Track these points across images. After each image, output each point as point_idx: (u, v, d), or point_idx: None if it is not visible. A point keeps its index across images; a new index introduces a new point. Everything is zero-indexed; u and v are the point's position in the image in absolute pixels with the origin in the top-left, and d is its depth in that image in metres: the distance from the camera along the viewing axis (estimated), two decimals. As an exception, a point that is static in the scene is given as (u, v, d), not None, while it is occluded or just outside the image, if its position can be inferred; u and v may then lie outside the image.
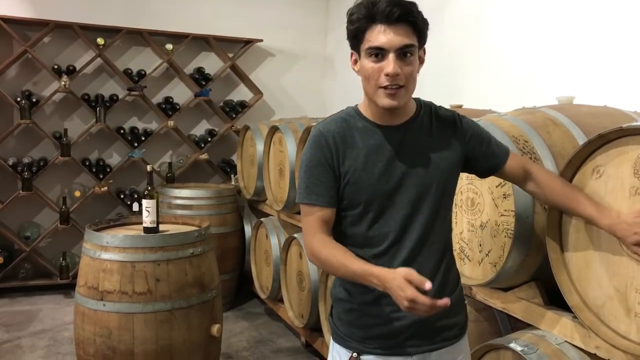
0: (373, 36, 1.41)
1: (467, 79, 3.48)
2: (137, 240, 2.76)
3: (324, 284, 3.35)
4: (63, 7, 5.09)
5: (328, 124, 1.56)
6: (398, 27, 1.39)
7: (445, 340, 1.57)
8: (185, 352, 2.78)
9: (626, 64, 2.73)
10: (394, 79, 1.41)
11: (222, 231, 4.62)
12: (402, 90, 1.43)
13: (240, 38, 5.62)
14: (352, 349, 1.56)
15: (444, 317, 1.54)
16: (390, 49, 1.40)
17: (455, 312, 1.60)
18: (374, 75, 1.43)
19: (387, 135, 1.51)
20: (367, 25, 1.42)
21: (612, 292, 1.66)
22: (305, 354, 3.87)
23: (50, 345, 3.88)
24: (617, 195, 1.65)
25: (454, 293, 1.60)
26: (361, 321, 1.56)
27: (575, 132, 2.07)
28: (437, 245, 1.56)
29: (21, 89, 5.07)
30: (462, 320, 1.64)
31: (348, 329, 1.58)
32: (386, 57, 1.40)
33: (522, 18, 3.38)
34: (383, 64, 1.41)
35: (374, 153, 1.50)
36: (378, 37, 1.40)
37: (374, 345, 1.54)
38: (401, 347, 1.53)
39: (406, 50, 1.41)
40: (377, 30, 1.40)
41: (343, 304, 1.60)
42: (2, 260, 4.88)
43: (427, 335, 1.54)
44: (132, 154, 5.21)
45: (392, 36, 1.39)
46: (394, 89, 1.42)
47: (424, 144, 1.54)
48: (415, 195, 1.51)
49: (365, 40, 1.43)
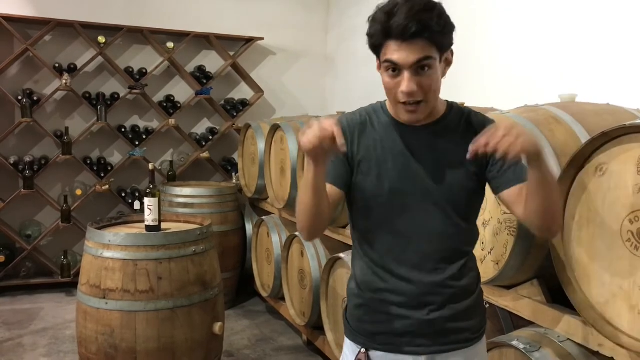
0: (388, 52, 1.37)
1: (469, 77, 3.47)
2: (139, 238, 2.76)
3: (326, 282, 3.35)
4: (64, 5, 5.09)
5: (352, 113, 1.58)
6: (414, 42, 1.34)
7: (456, 343, 1.53)
8: (187, 350, 2.79)
9: (629, 62, 2.72)
10: (411, 96, 1.38)
11: (224, 229, 4.62)
12: (422, 105, 1.41)
13: (241, 36, 5.62)
14: (361, 344, 1.56)
15: (457, 320, 1.52)
16: (404, 66, 1.36)
17: (469, 316, 1.55)
18: (391, 91, 1.42)
19: (408, 134, 1.49)
20: (383, 41, 1.38)
21: (615, 289, 1.66)
22: (307, 352, 3.87)
23: (52, 344, 3.88)
24: (621, 193, 1.64)
25: (470, 297, 1.56)
26: (370, 317, 1.56)
27: (578, 130, 2.07)
28: (450, 246, 1.51)
29: (22, 87, 5.07)
30: (477, 325, 1.58)
31: (358, 324, 1.59)
32: (402, 73, 1.37)
33: (524, 15, 3.38)
34: (399, 79, 1.38)
35: (391, 148, 1.49)
36: (394, 52, 1.36)
37: (382, 342, 1.54)
38: (409, 346, 1.51)
39: (423, 64, 1.36)
40: (392, 46, 1.36)
41: (354, 299, 1.61)
42: (4, 259, 4.89)
43: (435, 336, 1.51)
44: (134, 153, 5.21)
45: (407, 53, 1.34)
46: (413, 105, 1.40)
47: (446, 147, 1.49)
48: (430, 194, 1.48)
49: (381, 54, 1.40)
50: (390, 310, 1.52)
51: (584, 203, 1.77)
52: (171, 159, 5.55)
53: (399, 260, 1.51)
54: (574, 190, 1.80)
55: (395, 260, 1.51)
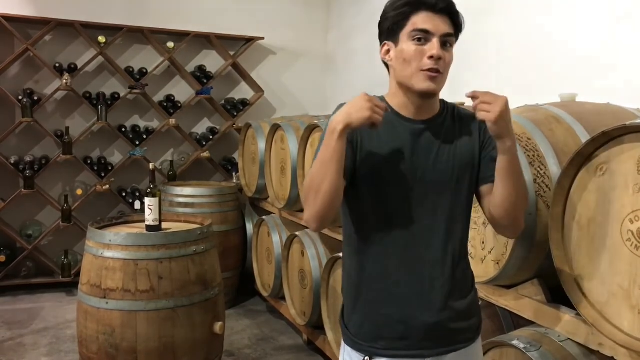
0: (419, 20, 1.44)
1: (469, 77, 3.47)
2: (140, 238, 2.76)
3: (326, 282, 3.35)
4: (64, 5, 5.09)
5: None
6: (442, 17, 1.45)
7: (460, 343, 1.54)
8: (188, 349, 2.79)
9: (629, 61, 2.72)
10: (437, 62, 1.43)
11: (224, 229, 4.63)
12: (441, 77, 1.46)
13: (241, 36, 5.62)
14: (364, 351, 1.52)
15: (458, 320, 1.52)
16: (436, 34, 1.43)
17: (469, 315, 1.57)
18: (416, 57, 1.44)
19: (408, 129, 1.50)
20: (413, 11, 1.45)
21: (615, 288, 1.66)
22: (307, 351, 3.87)
23: (53, 343, 3.89)
24: (621, 193, 1.65)
25: (468, 296, 1.57)
26: (372, 321, 1.52)
27: (578, 130, 2.07)
28: (449, 244, 1.51)
29: (23, 87, 5.07)
30: (477, 323, 1.61)
31: (358, 329, 1.54)
32: (430, 40, 1.43)
33: (525, 15, 3.38)
34: (426, 47, 1.44)
35: (392, 143, 1.49)
36: (425, 21, 1.44)
37: (385, 346, 1.50)
38: (414, 349, 1.50)
39: (448, 39, 1.45)
40: (424, 15, 1.44)
41: (353, 303, 1.56)
42: (4, 259, 4.89)
43: (441, 338, 1.50)
44: (134, 152, 5.22)
45: (439, 22, 1.44)
46: (435, 73, 1.44)
47: (444, 142, 1.51)
48: (430, 191, 1.49)
49: (409, 24, 1.46)
50: (395, 312, 1.49)
51: (584, 202, 1.77)
52: (171, 159, 5.56)
53: (399, 258, 1.49)
54: (575, 189, 1.80)
55: (396, 258, 1.49)
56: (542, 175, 1.96)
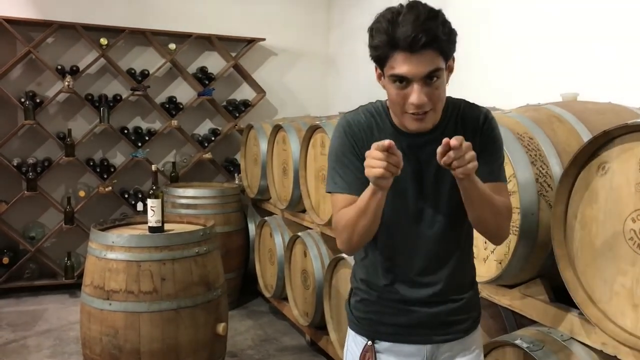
0: (396, 64, 1.32)
1: (471, 77, 3.47)
2: (142, 239, 2.76)
3: (329, 282, 3.35)
4: (66, 7, 5.10)
5: (356, 114, 1.54)
6: (423, 54, 1.30)
7: (458, 332, 1.58)
8: (191, 351, 2.79)
9: (631, 60, 2.72)
10: (421, 107, 1.36)
11: (226, 230, 4.63)
12: (430, 113, 1.38)
13: (242, 37, 5.62)
14: (367, 336, 1.59)
15: (457, 313, 1.58)
16: (414, 78, 1.32)
17: (469, 308, 1.61)
18: (399, 102, 1.38)
19: (408, 143, 1.47)
20: (389, 53, 1.32)
21: (618, 288, 1.66)
22: (310, 352, 3.87)
23: (56, 345, 3.90)
24: (623, 192, 1.65)
25: (468, 292, 1.61)
26: (376, 308, 1.58)
27: (580, 129, 2.07)
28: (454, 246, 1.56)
29: (25, 89, 5.08)
30: (476, 314, 1.65)
31: (363, 315, 1.61)
32: (410, 84, 1.33)
33: (526, 14, 3.38)
34: (407, 91, 1.34)
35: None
36: (402, 64, 1.31)
37: (388, 332, 1.57)
38: (414, 336, 1.56)
39: (432, 75, 1.33)
40: (400, 58, 1.31)
41: (359, 291, 1.63)
42: (8, 261, 4.90)
43: (439, 327, 1.56)
44: (136, 154, 5.22)
45: (416, 65, 1.30)
46: (421, 115, 1.38)
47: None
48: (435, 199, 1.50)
49: (388, 67, 1.35)
50: (396, 305, 1.56)
51: (586, 202, 1.77)
52: (174, 160, 5.56)
53: (404, 260, 1.54)
54: (576, 189, 1.80)
55: (400, 260, 1.54)
56: (544, 174, 1.96)
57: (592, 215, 1.75)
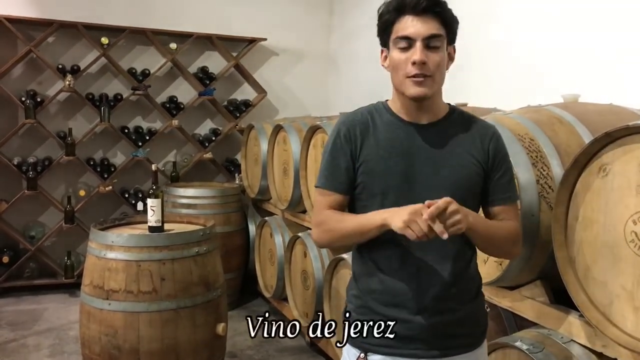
0: (401, 26, 1.44)
1: (472, 77, 3.46)
2: (142, 239, 2.76)
3: (329, 283, 3.35)
4: (67, 7, 5.09)
5: (353, 114, 1.59)
6: (426, 17, 1.43)
7: (457, 348, 1.51)
8: (191, 351, 2.79)
9: (632, 62, 2.71)
10: (421, 67, 1.42)
11: (227, 230, 4.63)
12: (429, 80, 1.45)
13: (244, 37, 5.62)
14: (360, 348, 1.54)
15: (455, 325, 1.51)
16: (417, 38, 1.42)
17: (470, 321, 1.54)
18: (401, 65, 1.45)
19: (410, 132, 1.51)
20: (396, 17, 1.45)
21: (619, 290, 1.66)
22: (310, 352, 3.87)
23: (56, 344, 3.89)
24: (624, 193, 1.64)
25: (471, 302, 1.55)
26: (367, 318, 1.53)
27: (581, 130, 2.07)
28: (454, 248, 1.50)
29: (26, 88, 5.08)
30: (479, 330, 1.58)
31: (354, 328, 1.56)
32: (413, 46, 1.43)
33: (527, 15, 3.37)
34: (410, 53, 1.43)
35: (393, 147, 1.49)
36: (406, 27, 1.44)
37: (379, 344, 1.51)
38: (409, 349, 1.49)
39: (433, 39, 1.43)
40: (405, 20, 1.44)
41: (355, 302, 1.59)
42: (8, 260, 4.90)
43: (437, 341, 1.49)
44: (137, 154, 5.22)
45: (420, 26, 1.42)
46: (421, 77, 1.43)
47: (447, 148, 1.50)
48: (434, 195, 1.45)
49: (393, 32, 1.47)
50: (393, 314, 1.50)
51: (587, 204, 1.76)
52: (174, 160, 5.56)
53: (400, 262, 1.50)
54: (577, 190, 1.80)
55: (397, 262, 1.50)
56: (545, 176, 1.96)
57: (592, 217, 1.74)
